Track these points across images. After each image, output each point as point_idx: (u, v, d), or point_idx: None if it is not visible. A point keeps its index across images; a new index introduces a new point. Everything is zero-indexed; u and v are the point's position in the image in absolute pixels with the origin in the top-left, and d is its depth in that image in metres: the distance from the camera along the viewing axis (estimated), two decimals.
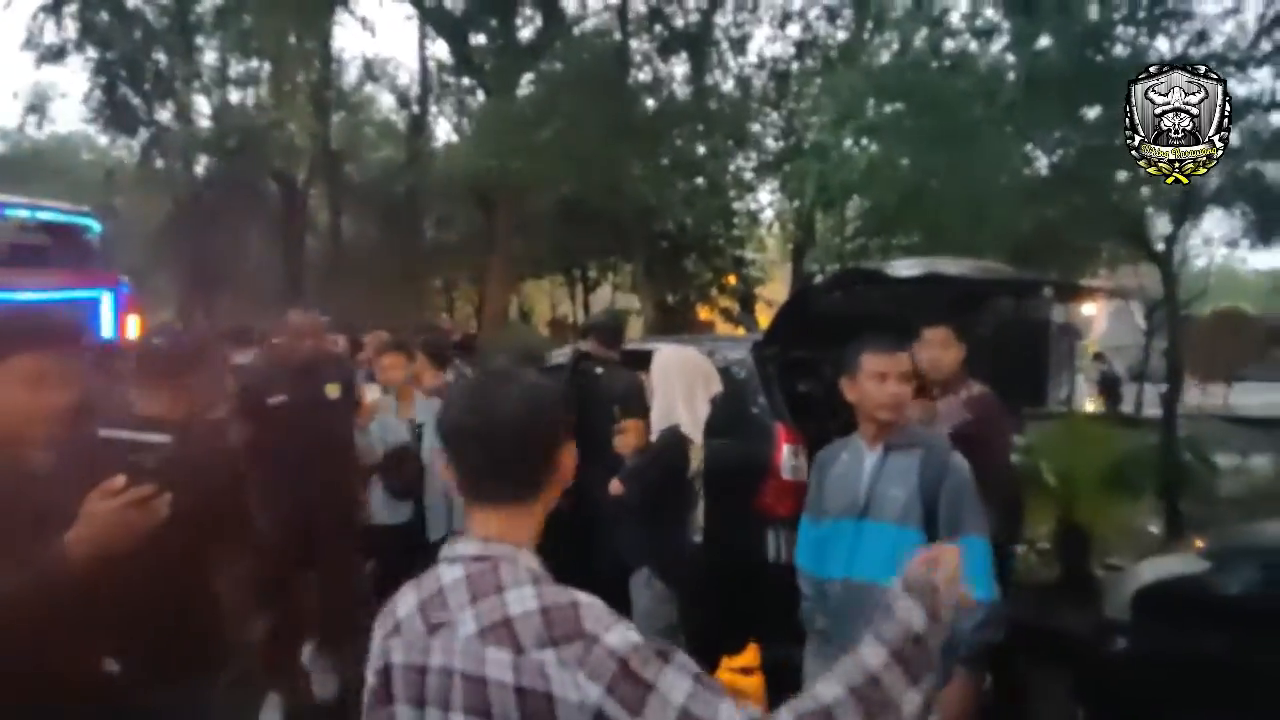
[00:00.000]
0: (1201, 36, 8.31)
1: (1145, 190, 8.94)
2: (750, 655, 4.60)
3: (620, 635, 1.10)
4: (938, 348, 3.48)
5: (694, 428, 3.34)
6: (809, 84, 14.65)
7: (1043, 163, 8.91)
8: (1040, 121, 7.85)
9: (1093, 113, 8.54)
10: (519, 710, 1.08)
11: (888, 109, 8.03)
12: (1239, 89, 8.47)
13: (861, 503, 2.40)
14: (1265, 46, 8.15)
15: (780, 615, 3.79)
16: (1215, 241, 12.24)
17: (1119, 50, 8.15)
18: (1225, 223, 10.97)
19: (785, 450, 4.02)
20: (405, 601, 1.24)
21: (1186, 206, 8.68)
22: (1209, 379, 17.92)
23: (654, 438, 3.44)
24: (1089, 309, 9.37)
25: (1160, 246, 8.96)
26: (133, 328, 8.62)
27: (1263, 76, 8.26)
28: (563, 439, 1.26)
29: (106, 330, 8.30)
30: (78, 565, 1.49)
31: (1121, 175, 8.51)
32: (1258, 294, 40.74)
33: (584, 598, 1.15)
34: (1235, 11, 8.36)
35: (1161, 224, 9.42)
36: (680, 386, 3.36)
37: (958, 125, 7.44)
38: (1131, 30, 8.11)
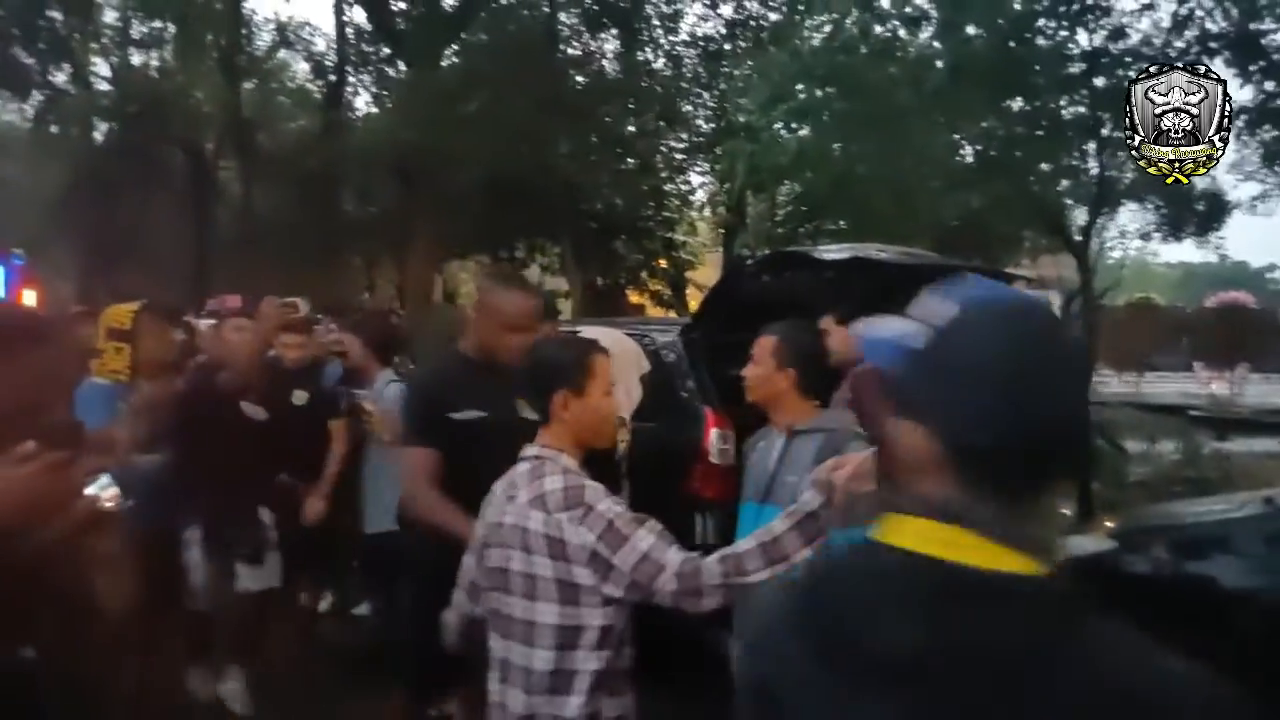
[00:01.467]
0: (1119, 32, 8.52)
1: (1065, 182, 9.19)
2: None
3: (607, 505, 1.78)
4: (826, 334, 3.54)
5: (626, 409, 3.26)
6: (741, 64, 14.57)
7: (968, 151, 9.07)
8: (966, 110, 7.96)
9: (1016, 104, 8.73)
10: (547, 549, 1.75)
11: (818, 93, 8.03)
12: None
13: (764, 488, 2.59)
14: (1178, 44, 8.41)
15: None
16: (1129, 234, 12.76)
17: (1041, 42, 8.31)
18: (1139, 216, 11.43)
19: (714, 434, 4.01)
20: (499, 484, 1.95)
21: (1103, 200, 8.95)
22: (1122, 368, 18.65)
23: None
24: None
25: (1078, 238, 9.24)
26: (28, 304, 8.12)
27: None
28: (560, 384, 1.91)
29: None
30: None
31: (1044, 166, 8.74)
32: (1167, 286, 42.99)
33: (591, 483, 1.84)
34: (1150, 8, 8.58)
35: (1080, 216, 9.72)
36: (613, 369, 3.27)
37: (886, 111, 7.49)
38: (1053, 23, 8.27)
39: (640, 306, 17.43)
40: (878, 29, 8.33)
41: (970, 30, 7.87)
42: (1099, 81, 8.37)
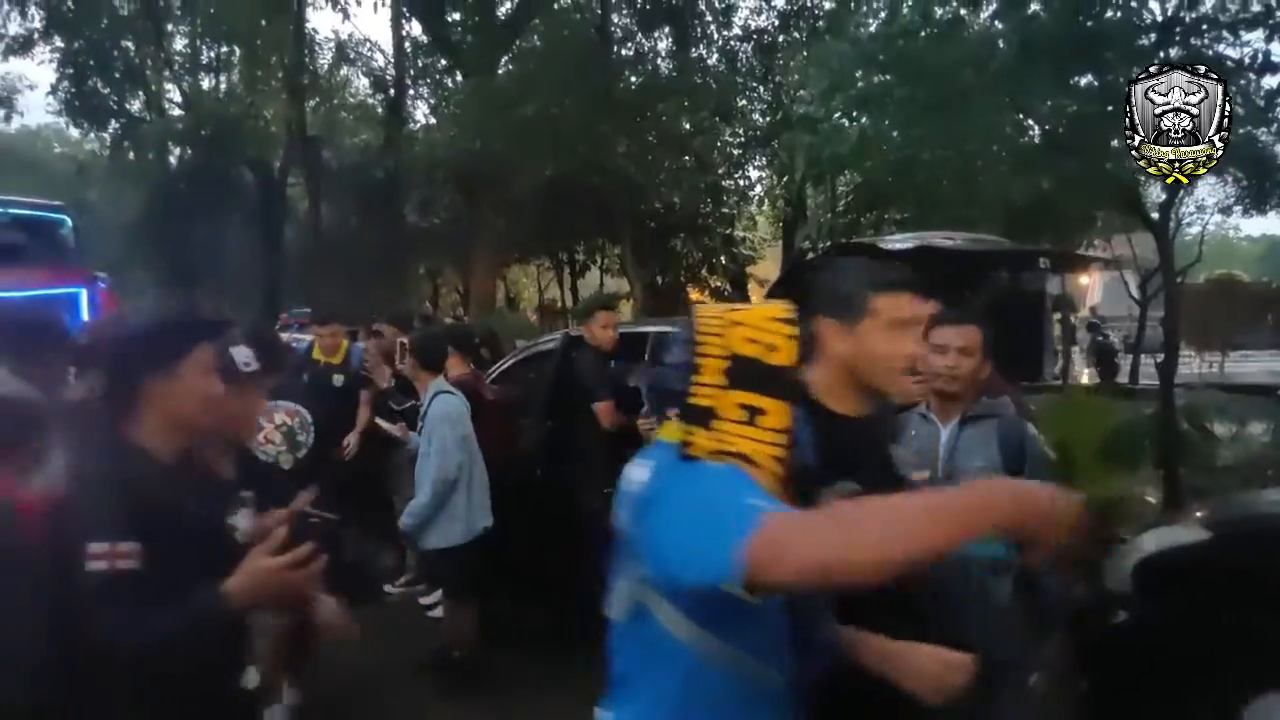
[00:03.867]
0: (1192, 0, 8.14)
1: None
2: None
3: None
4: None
5: None
6: (795, 56, 14.42)
7: (1035, 132, 8.76)
8: (1032, 89, 7.68)
9: (1085, 79, 8.40)
10: None
11: (877, 79, 7.84)
12: (1230, 51, 8.34)
13: (940, 475, 2.43)
14: (1256, 7, 7.99)
15: None
16: (1209, 208, 12.20)
17: (1110, 15, 7.99)
18: (1218, 189, 10.90)
19: None
20: None
21: None
22: (1205, 347, 17.92)
23: None
24: (1083, 280, 9.26)
25: (1154, 214, 8.84)
26: None
27: (1255, 39, 8.08)
28: None
29: None
30: (235, 614, 1.58)
31: (1115, 142, 8.38)
32: (1249, 261, 41.10)
33: None
34: None
35: (1155, 191, 9.33)
36: None
37: (948, 95, 7.26)
38: None
39: (701, 304, 17.36)
40: (938, 11, 8.10)
41: (1034, 6, 7.61)
42: (1173, 52, 8.01)
